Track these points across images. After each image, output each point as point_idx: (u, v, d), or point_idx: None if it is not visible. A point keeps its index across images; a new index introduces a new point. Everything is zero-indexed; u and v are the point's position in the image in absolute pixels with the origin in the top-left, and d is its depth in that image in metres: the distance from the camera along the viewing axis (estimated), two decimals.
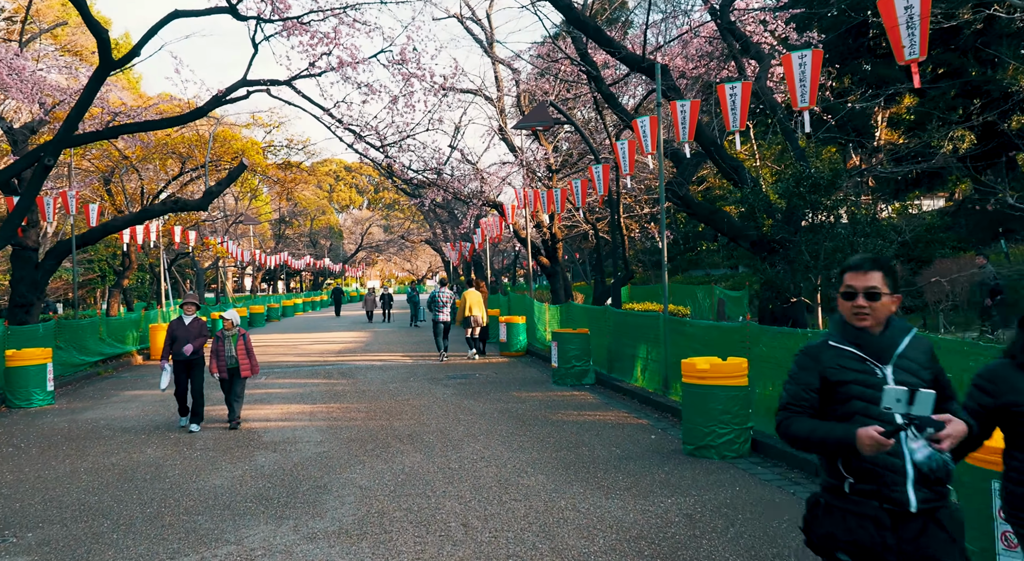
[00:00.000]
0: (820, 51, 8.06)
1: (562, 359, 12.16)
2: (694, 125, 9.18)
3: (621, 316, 11.99)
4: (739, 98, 8.17)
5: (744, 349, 8.04)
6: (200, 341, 9.25)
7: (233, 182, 16.21)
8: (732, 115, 8.23)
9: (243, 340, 9.23)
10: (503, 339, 17.11)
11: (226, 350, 9.17)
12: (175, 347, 9.15)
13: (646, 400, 10.08)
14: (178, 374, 9.28)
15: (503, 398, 11.00)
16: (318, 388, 12.62)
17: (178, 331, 9.19)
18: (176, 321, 9.36)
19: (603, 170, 12.34)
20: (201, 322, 9.33)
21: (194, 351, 9.18)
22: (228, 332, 9.19)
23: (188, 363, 9.22)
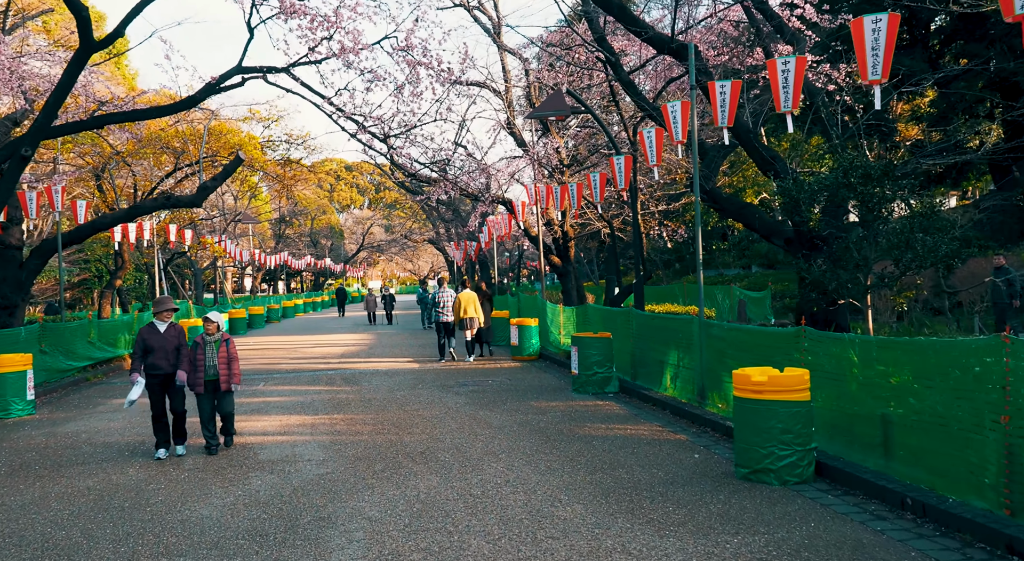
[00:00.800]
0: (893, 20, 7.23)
1: (583, 365, 11.29)
2: (734, 109, 8.31)
3: (647, 319, 11.12)
4: (792, 74, 7.29)
5: (791, 357, 7.17)
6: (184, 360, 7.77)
7: (229, 177, 15.34)
8: (784, 94, 7.36)
9: (226, 347, 7.88)
10: (515, 342, 16.24)
11: (206, 359, 7.77)
12: (148, 359, 7.64)
13: (679, 411, 9.21)
14: (153, 392, 7.73)
15: (521, 408, 10.12)
16: (320, 396, 11.75)
17: (151, 340, 7.64)
18: (148, 328, 7.77)
19: (625, 162, 11.47)
20: (179, 330, 7.84)
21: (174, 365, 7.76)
22: (210, 337, 7.83)
23: (166, 378, 7.74)
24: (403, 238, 56.32)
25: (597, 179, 12.77)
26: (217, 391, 7.92)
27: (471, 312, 15.70)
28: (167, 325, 7.80)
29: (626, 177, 11.48)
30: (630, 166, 11.49)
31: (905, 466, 5.68)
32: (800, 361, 7.04)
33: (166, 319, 7.81)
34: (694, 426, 8.61)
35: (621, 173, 11.48)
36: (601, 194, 12.81)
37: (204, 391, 7.83)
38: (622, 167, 11.46)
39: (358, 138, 11.93)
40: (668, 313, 14.10)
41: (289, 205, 62.83)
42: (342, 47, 12.52)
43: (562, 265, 19.69)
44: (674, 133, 9.30)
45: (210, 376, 7.83)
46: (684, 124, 9.25)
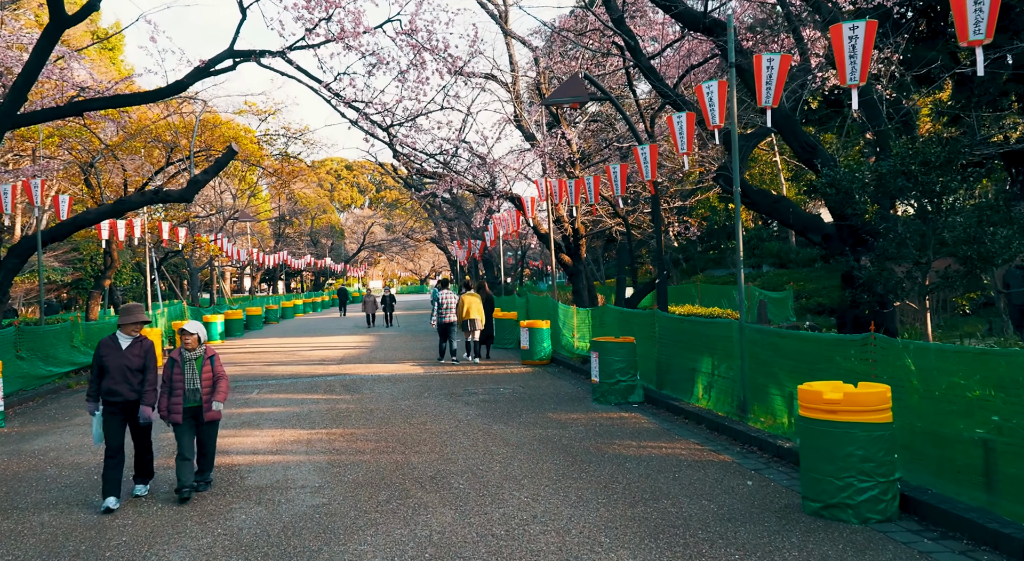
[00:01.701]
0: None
1: (604, 373, 10.34)
2: (782, 86, 7.35)
3: (675, 322, 10.17)
4: (861, 42, 6.32)
5: (855, 369, 6.22)
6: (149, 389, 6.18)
7: (221, 170, 14.40)
8: (850, 65, 6.39)
9: (211, 365, 6.35)
10: (525, 346, 15.30)
11: (185, 380, 6.23)
12: (107, 383, 6.09)
13: (716, 426, 8.25)
14: (110, 423, 6.15)
15: (539, 421, 9.17)
16: (317, 406, 10.81)
17: (110, 359, 6.10)
18: (108, 342, 6.22)
19: (651, 151, 10.51)
20: (147, 346, 6.29)
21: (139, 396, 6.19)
22: (189, 353, 6.30)
23: (127, 406, 6.18)
24: (404, 237, 55.36)
25: (617, 171, 11.82)
26: (199, 420, 6.35)
27: (473, 314, 15.37)
28: (132, 340, 6.24)
29: (652, 168, 10.53)
30: (655, 156, 10.54)
31: (1016, 503, 4.73)
32: (868, 374, 6.10)
33: (132, 333, 6.27)
34: (737, 444, 7.66)
35: (647, 163, 10.53)
36: (622, 187, 11.86)
37: (183, 421, 6.25)
38: (647, 157, 10.50)
39: (359, 125, 10.98)
40: (691, 315, 13.16)
41: (289, 204, 61.89)
42: (342, 30, 11.58)
43: (573, 264, 18.74)
44: (710, 117, 8.36)
45: (191, 402, 6.27)
46: (721, 107, 8.30)
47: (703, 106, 8.38)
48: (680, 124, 9.13)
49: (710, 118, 8.33)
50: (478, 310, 15.48)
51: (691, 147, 9.17)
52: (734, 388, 8.37)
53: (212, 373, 6.38)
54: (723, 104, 8.26)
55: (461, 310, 15.41)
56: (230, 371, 15.54)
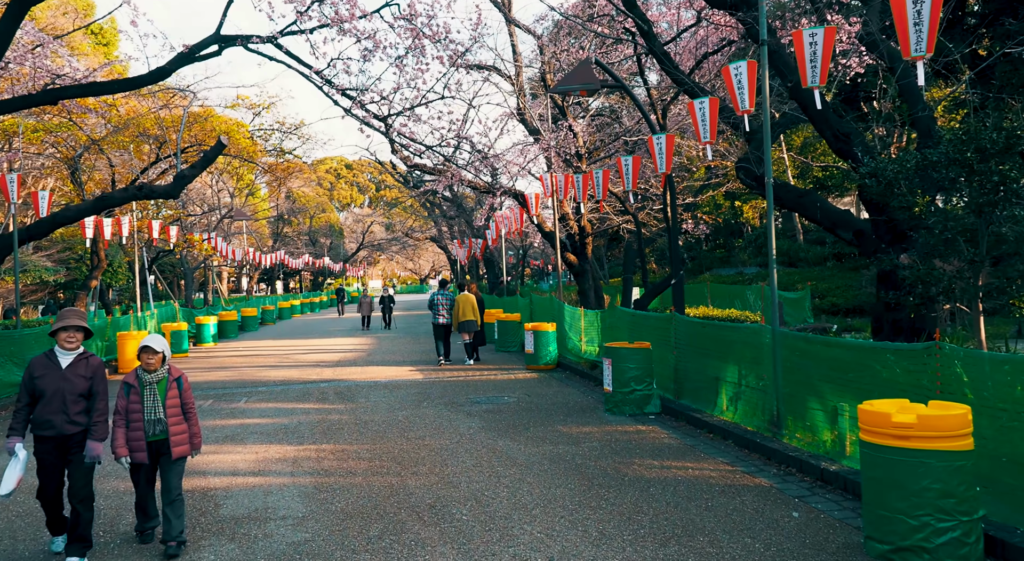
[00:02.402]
0: None
1: (618, 381, 9.55)
2: (828, 62, 6.56)
3: (696, 326, 9.37)
4: (928, 8, 5.51)
5: (918, 382, 5.44)
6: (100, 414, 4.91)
7: (210, 164, 13.61)
8: (915, 35, 5.58)
9: (177, 388, 5.17)
10: (529, 350, 14.50)
11: (145, 409, 5.00)
12: (38, 410, 4.80)
13: (745, 443, 7.46)
14: (46, 462, 4.85)
15: (549, 435, 8.38)
16: (308, 418, 10.01)
17: (44, 380, 4.79)
18: (41, 361, 4.89)
19: (667, 142, 9.71)
20: (95, 364, 4.97)
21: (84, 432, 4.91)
22: (150, 375, 5.04)
23: (63, 441, 4.84)
24: (404, 236, 54.58)
25: (629, 164, 11.02)
26: (163, 459, 5.11)
27: (469, 315, 15.04)
28: (74, 357, 4.91)
29: (667, 160, 9.73)
30: (672, 147, 9.73)
31: None
32: (930, 389, 5.31)
33: (72, 346, 4.89)
34: (772, 464, 6.86)
35: (662, 155, 9.73)
36: (634, 181, 11.06)
37: (145, 459, 5.02)
38: (663, 148, 9.71)
39: (353, 114, 10.17)
40: (707, 317, 12.36)
41: (288, 203, 61.09)
42: (336, 14, 10.79)
43: (578, 263, 17.95)
44: (739, 101, 7.56)
45: (154, 435, 5.04)
46: (751, 90, 7.50)
47: (731, 89, 7.59)
48: (703, 111, 8.34)
49: (739, 102, 7.53)
50: (474, 311, 15.13)
51: (714, 136, 8.38)
52: (765, 400, 7.58)
53: (180, 399, 5.18)
54: (753, 86, 7.47)
55: (456, 311, 15.09)
56: (220, 376, 14.76)
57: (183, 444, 5.17)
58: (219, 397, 12.17)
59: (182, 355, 19.37)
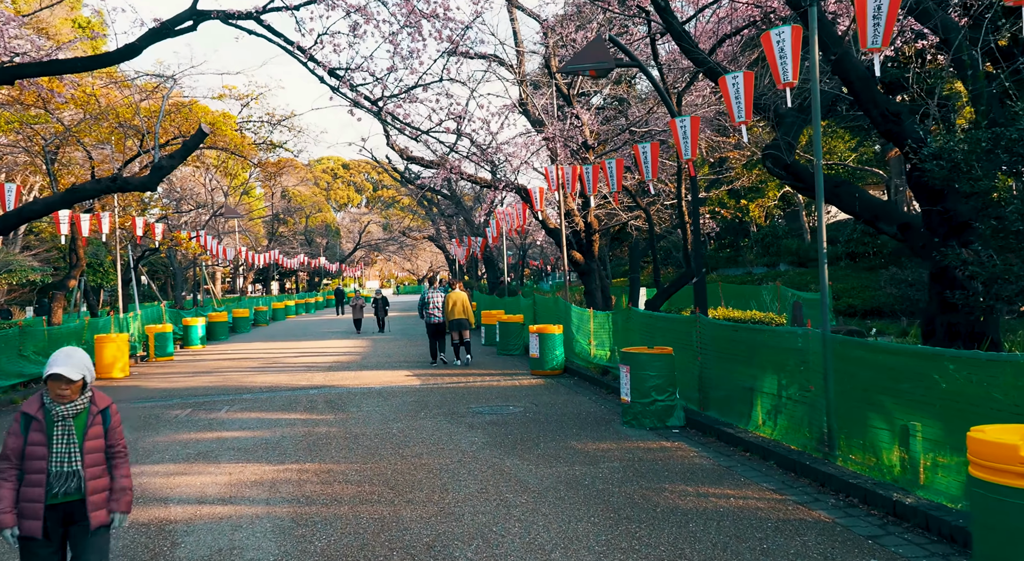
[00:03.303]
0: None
1: (637, 391, 8.58)
2: (893, 21, 5.60)
3: (726, 330, 8.40)
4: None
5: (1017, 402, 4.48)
6: None
7: (190, 154, 12.62)
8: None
9: (102, 423, 3.53)
10: (534, 354, 13.53)
11: (52, 456, 3.39)
12: None
13: (790, 464, 6.49)
14: None
15: (562, 453, 7.41)
16: (293, 430, 9.03)
17: None
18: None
19: (691, 124, 8.73)
20: None
21: None
22: (62, 406, 3.42)
23: None
24: (401, 235, 53.60)
25: (648, 151, 10.04)
26: (75, 531, 3.49)
27: (458, 313, 14.68)
28: None
29: (692, 145, 8.76)
30: (697, 130, 8.76)
31: None
32: None
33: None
34: (827, 492, 5.88)
35: (686, 140, 8.75)
36: (654, 170, 10.08)
37: (39, 532, 3.36)
38: (687, 132, 8.73)
39: (341, 93, 9.19)
40: (728, 319, 11.37)
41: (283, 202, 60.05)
42: None
43: (585, 262, 16.98)
44: (780, 72, 6.59)
45: (64, 495, 3.41)
46: (795, 59, 6.53)
47: (771, 59, 6.62)
48: (736, 86, 7.37)
49: (780, 73, 6.57)
50: (466, 309, 14.77)
51: (750, 114, 7.41)
52: (812, 415, 6.61)
53: (103, 440, 3.53)
54: (797, 55, 6.50)
55: (446, 309, 14.74)
56: (203, 382, 13.78)
57: (102, 507, 3.48)
58: (198, 406, 11.19)
59: (167, 358, 18.39)
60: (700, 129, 15.79)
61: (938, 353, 5.19)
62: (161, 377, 15.05)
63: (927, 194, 7.84)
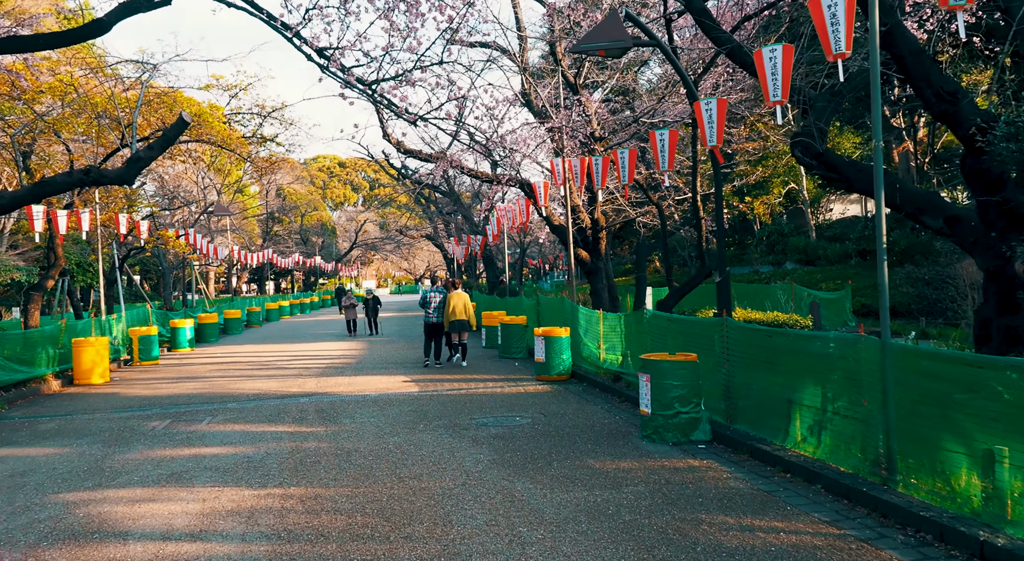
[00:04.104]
0: None
1: (658, 402, 7.77)
2: None
3: (758, 335, 7.58)
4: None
5: None
6: None
7: (170, 145, 11.78)
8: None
9: None
10: (540, 358, 12.72)
11: None
12: None
13: (842, 490, 5.68)
14: None
15: (580, 474, 6.59)
16: (279, 446, 8.20)
17: None
18: None
19: (718, 106, 7.91)
20: None
21: None
22: None
23: None
24: (398, 234, 52.75)
25: (665, 139, 9.22)
26: None
27: (459, 314, 14.39)
28: None
29: (719, 129, 7.94)
30: (724, 113, 7.94)
31: None
32: None
33: None
34: (893, 526, 5.07)
35: (712, 124, 7.93)
36: (670, 160, 9.26)
37: None
38: (713, 115, 7.91)
39: (331, 71, 8.35)
40: (748, 322, 10.55)
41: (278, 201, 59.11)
42: None
43: (591, 261, 16.17)
44: (832, 40, 5.78)
45: None
46: (848, 25, 5.72)
47: (820, 25, 5.80)
48: (773, 61, 6.55)
49: (832, 42, 5.75)
50: (466, 309, 14.51)
51: (787, 93, 6.59)
52: (866, 433, 5.80)
53: None
54: (851, 20, 5.68)
55: (447, 309, 14.48)
56: (187, 388, 12.94)
57: None
58: (178, 417, 10.36)
59: (152, 363, 17.53)
60: None
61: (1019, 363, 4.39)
62: (143, 383, 14.21)
63: (984, 183, 7.04)
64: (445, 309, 14.53)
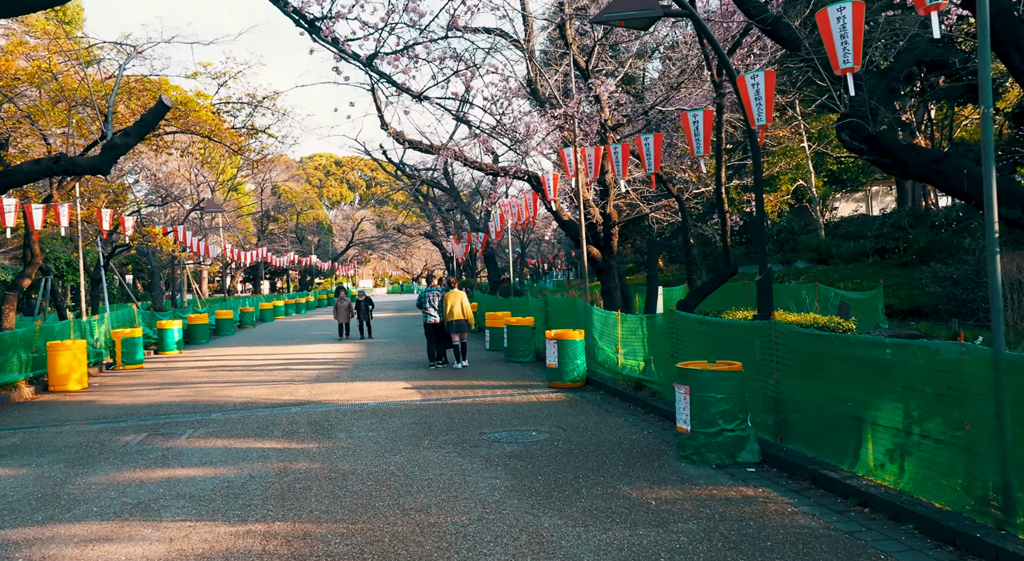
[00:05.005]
0: None
1: (699, 418, 6.78)
2: None
3: (818, 341, 6.58)
4: None
5: None
6: None
7: (149, 131, 10.76)
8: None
9: None
10: (552, 363, 11.73)
11: None
12: None
13: (941, 532, 4.69)
14: None
15: (615, 505, 5.59)
16: (265, 467, 7.19)
17: None
18: None
19: (766, 79, 6.92)
20: None
21: None
22: None
23: None
24: (396, 232, 51.71)
25: (699, 120, 8.20)
26: None
27: (458, 314, 14.09)
28: None
29: (768, 106, 6.95)
30: (772, 87, 6.94)
31: None
32: None
33: None
34: None
35: (759, 101, 6.93)
36: (706, 143, 8.27)
37: None
38: (761, 89, 6.91)
39: (323, 38, 7.34)
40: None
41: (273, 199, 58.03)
42: None
43: (603, 259, 15.18)
44: None
45: None
46: None
47: None
48: (843, 20, 5.56)
49: None
50: (465, 309, 14.23)
51: (859, 59, 5.60)
52: (970, 464, 4.81)
53: None
54: None
55: (445, 310, 14.17)
56: (170, 396, 11.92)
57: None
58: (157, 429, 9.35)
59: (136, 367, 16.52)
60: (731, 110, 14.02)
61: None
62: (123, 390, 13.19)
63: None
64: (444, 309, 14.23)
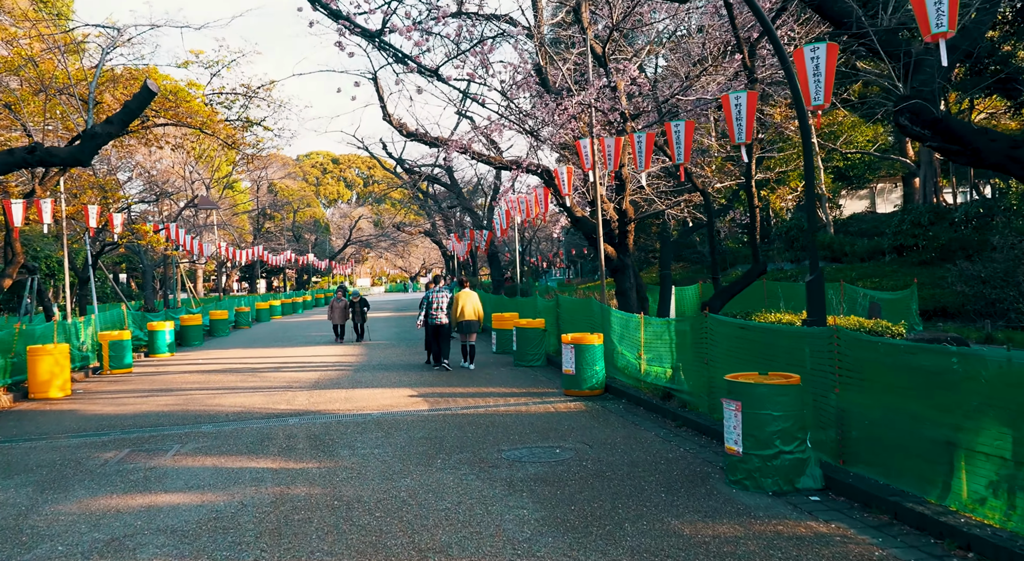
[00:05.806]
0: None
1: (753, 438, 5.96)
2: None
3: (897, 352, 5.75)
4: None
5: None
6: None
7: (133, 119, 9.92)
8: None
9: None
10: (569, 370, 10.90)
11: None
12: None
13: None
14: None
15: (666, 545, 4.77)
16: (258, 493, 6.35)
17: None
18: None
19: (827, 54, 6.08)
20: None
21: None
22: None
23: None
24: (395, 230, 50.86)
25: (742, 103, 7.37)
26: None
27: (469, 314, 13.87)
28: None
29: (827, 86, 6.13)
30: (834, 63, 6.12)
31: None
32: None
33: None
34: None
35: (818, 77, 6.10)
36: (748, 129, 7.45)
37: None
38: (821, 65, 6.08)
39: (322, 4, 6.52)
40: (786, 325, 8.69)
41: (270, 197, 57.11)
42: None
43: (618, 257, 14.36)
44: None
45: None
46: None
47: None
48: None
49: None
50: (476, 309, 14.04)
51: (955, 17, 4.79)
52: None
53: None
54: None
55: (455, 310, 13.94)
56: (158, 404, 11.08)
57: None
58: (140, 444, 8.52)
59: (124, 371, 15.66)
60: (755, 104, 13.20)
61: None
62: (109, 398, 12.35)
63: None
64: (453, 310, 13.82)
